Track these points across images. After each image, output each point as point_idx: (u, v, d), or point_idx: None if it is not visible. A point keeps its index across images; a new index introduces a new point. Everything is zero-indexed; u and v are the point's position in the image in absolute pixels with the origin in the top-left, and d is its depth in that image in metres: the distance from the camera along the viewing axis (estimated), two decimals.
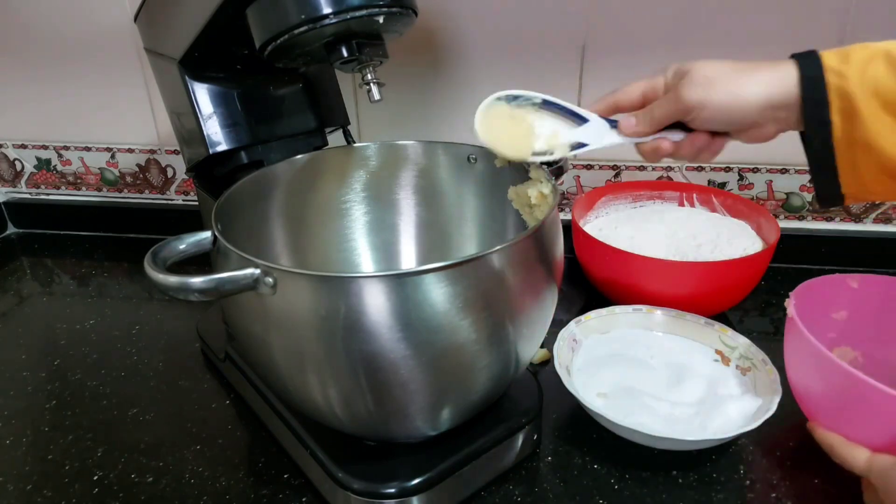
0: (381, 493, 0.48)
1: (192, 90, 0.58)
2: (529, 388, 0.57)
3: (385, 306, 0.39)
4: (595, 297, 0.79)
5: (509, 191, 0.59)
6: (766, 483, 0.54)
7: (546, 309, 0.49)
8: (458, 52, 0.83)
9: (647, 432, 0.52)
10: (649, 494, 0.52)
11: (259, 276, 0.40)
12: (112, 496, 0.53)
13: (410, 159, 0.64)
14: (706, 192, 0.84)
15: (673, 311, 0.67)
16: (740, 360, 0.62)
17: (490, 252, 0.41)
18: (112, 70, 0.90)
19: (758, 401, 0.56)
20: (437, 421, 0.48)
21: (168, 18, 0.59)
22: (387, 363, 0.41)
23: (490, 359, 0.45)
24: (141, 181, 0.99)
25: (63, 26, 0.88)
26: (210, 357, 0.70)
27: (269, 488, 0.54)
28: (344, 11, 0.47)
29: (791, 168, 0.84)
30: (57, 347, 0.74)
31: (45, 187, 1.03)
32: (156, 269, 0.40)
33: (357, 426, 0.48)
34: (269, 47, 0.50)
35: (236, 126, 0.60)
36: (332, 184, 0.64)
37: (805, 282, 0.58)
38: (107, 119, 0.95)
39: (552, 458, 0.56)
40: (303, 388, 0.45)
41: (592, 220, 0.84)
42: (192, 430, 0.60)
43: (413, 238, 0.68)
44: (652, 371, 0.63)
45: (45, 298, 0.86)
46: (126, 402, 0.64)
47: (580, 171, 0.88)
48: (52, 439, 0.60)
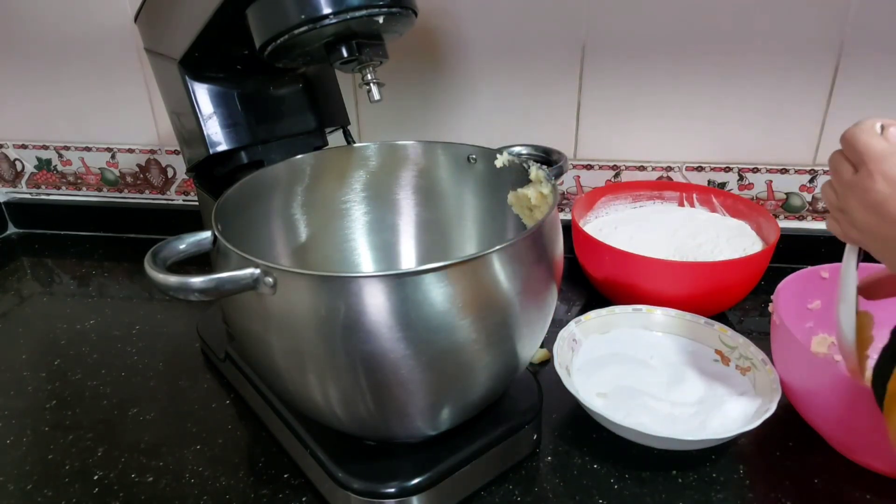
0: (381, 492, 0.48)
1: (192, 90, 0.58)
2: (529, 388, 0.57)
3: (385, 306, 0.39)
4: (595, 297, 0.79)
5: (509, 195, 0.59)
6: (766, 483, 0.54)
7: (546, 309, 0.49)
8: (458, 52, 0.83)
9: (647, 432, 0.52)
10: (649, 494, 0.52)
11: (259, 275, 0.40)
12: (112, 496, 0.53)
13: (410, 159, 0.64)
14: (706, 192, 0.84)
15: (673, 311, 0.67)
16: (740, 360, 0.62)
17: (490, 252, 0.41)
18: (112, 70, 0.90)
19: (757, 401, 0.56)
20: (437, 421, 0.48)
21: (168, 19, 0.59)
22: (387, 363, 0.41)
23: (490, 359, 0.45)
24: (141, 181, 0.99)
25: (63, 26, 0.88)
26: (210, 357, 0.70)
27: (269, 488, 0.54)
28: (344, 11, 0.47)
29: (791, 168, 0.84)
30: (57, 347, 0.74)
31: (46, 187, 1.03)
32: (156, 269, 0.40)
33: (357, 426, 0.48)
34: (269, 47, 0.50)
35: (236, 126, 0.60)
36: (332, 184, 0.64)
37: (783, 280, 0.61)
38: (107, 119, 0.95)
39: (552, 458, 0.56)
40: (303, 388, 0.45)
41: (592, 220, 0.84)
42: (192, 430, 0.60)
43: (413, 238, 0.68)
44: (652, 371, 0.63)
45: (46, 298, 0.86)
46: (126, 402, 0.64)
47: (580, 171, 0.88)
48: (52, 439, 0.60)
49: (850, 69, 0.77)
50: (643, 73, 0.81)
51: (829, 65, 0.77)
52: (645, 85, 0.81)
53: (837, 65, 0.77)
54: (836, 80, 0.78)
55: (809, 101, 0.79)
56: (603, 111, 0.83)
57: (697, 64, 0.79)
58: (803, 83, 0.78)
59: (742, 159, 0.84)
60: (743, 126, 0.82)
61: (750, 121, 0.82)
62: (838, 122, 0.80)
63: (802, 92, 0.79)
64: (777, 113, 0.81)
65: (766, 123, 0.81)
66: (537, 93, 0.84)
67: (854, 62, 0.76)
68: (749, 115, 0.81)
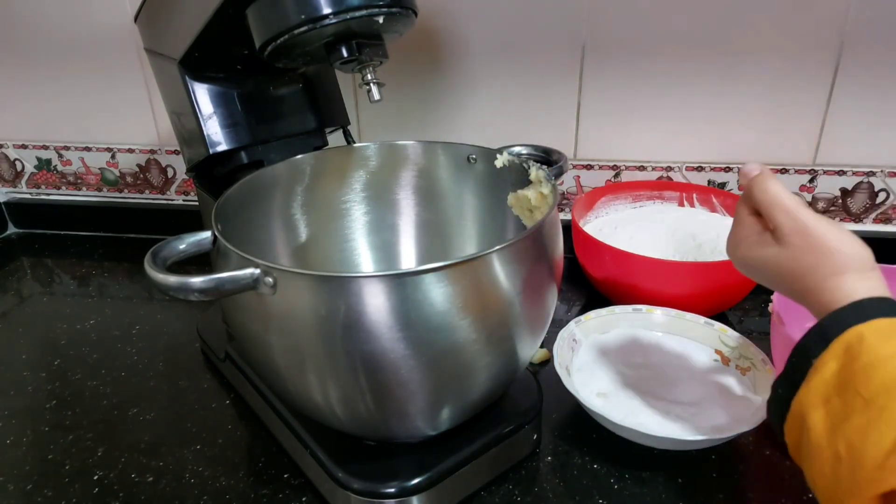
0: (381, 492, 0.48)
1: (192, 90, 0.58)
2: (529, 388, 0.57)
3: (385, 306, 0.39)
4: (595, 297, 0.79)
5: (509, 197, 0.59)
6: (766, 483, 0.54)
7: (546, 309, 0.49)
8: (458, 52, 0.83)
9: (647, 432, 0.52)
10: (649, 494, 0.52)
11: (259, 275, 0.40)
12: (112, 496, 0.53)
13: (410, 159, 0.64)
14: (706, 192, 0.84)
15: (673, 311, 0.67)
16: (740, 359, 0.62)
17: (490, 252, 0.41)
18: (112, 70, 0.90)
19: (757, 400, 0.56)
20: (437, 421, 0.48)
21: (168, 19, 0.59)
22: (387, 363, 0.41)
23: (490, 359, 0.45)
24: (141, 181, 0.99)
25: (64, 26, 0.88)
26: (210, 357, 0.70)
27: (269, 488, 0.54)
28: (344, 11, 0.47)
29: (791, 168, 0.84)
30: (57, 347, 0.74)
31: (46, 187, 1.03)
32: (156, 269, 0.40)
33: (357, 426, 0.48)
34: (269, 47, 0.50)
35: (236, 126, 0.60)
36: (332, 184, 0.64)
37: None
38: (107, 119, 0.95)
39: (552, 458, 0.56)
40: (303, 388, 0.45)
41: (592, 221, 0.84)
42: (192, 430, 0.60)
43: (413, 238, 0.68)
44: (652, 371, 0.63)
45: (46, 298, 0.86)
46: (126, 402, 0.64)
47: (580, 171, 0.88)
48: (52, 439, 0.60)
49: (850, 69, 0.77)
50: (643, 73, 0.81)
51: (829, 65, 0.77)
52: (645, 85, 0.81)
53: (837, 65, 0.77)
54: (836, 79, 0.78)
55: (809, 101, 0.79)
56: (603, 111, 0.84)
57: (697, 64, 0.79)
58: (803, 83, 0.78)
59: (742, 159, 0.84)
60: (743, 126, 0.82)
61: (750, 121, 0.82)
62: (838, 122, 0.80)
63: (802, 92, 0.79)
64: (777, 113, 0.81)
65: (766, 123, 0.81)
66: (537, 93, 0.84)
67: (854, 62, 0.76)
68: (749, 115, 0.81)
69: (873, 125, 0.79)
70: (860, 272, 0.40)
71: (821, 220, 0.41)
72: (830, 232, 0.41)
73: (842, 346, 0.37)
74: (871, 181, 0.83)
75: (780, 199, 0.42)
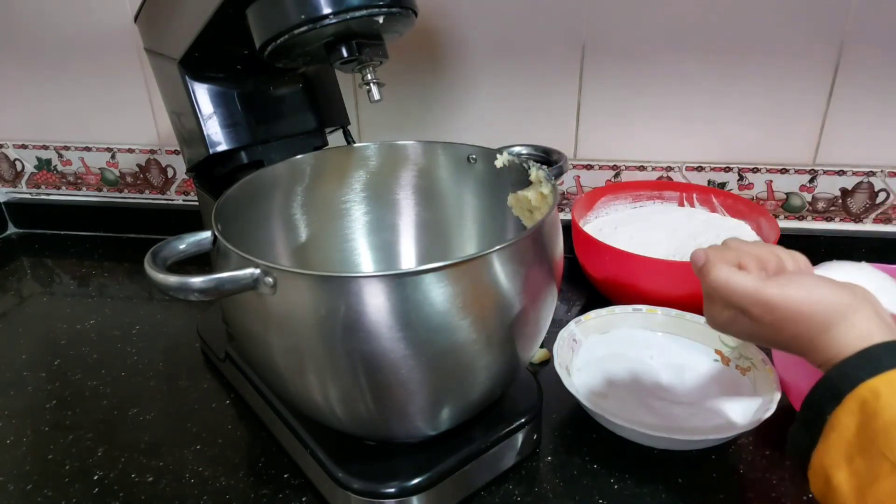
0: (381, 492, 0.48)
1: (192, 90, 0.58)
2: (529, 388, 0.57)
3: (385, 306, 0.39)
4: (595, 297, 0.79)
5: (509, 198, 0.59)
6: (766, 483, 0.54)
7: (546, 309, 0.49)
8: (458, 52, 0.83)
9: (647, 432, 0.52)
10: (649, 494, 0.52)
11: (259, 275, 0.40)
12: (112, 496, 0.53)
13: (410, 159, 0.64)
14: (706, 192, 0.84)
15: (673, 311, 0.67)
16: (740, 359, 0.62)
17: (490, 252, 0.41)
18: (112, 70, 0.90)
19: (757, 400, 0.56)
20: (437, 421, 0.48)
21: (168, 19, 0.59)
22: (386, 363, 0.41)
23: (490, 359, 0.45)
24: (141, 181, 0.99)
25: (63, 26, 0.88)
26: (210, 357, 0.70)
27: (269, 488, 0.54)
28: (344, 11, 0.47)
29: (791, 168, 0.84)
30: (57, 347, 0.74)
31: (46, 187, 1.03)
32: (156, 269, 0.40)
33: (357, 426, 0.48)
34: (269, 47, 0.50)
35: (236, 126, 0.60)
36: (332, 184, 0.64)
37: None
38: (107, 119, 0.95)
39: (552, 458, 0.56)
40: (303, 388, 0.45)
41: (592, 221, 0.84)
42: (192, 430, 0.60)
43: (413, 238, 0.68)
44: (652, 371, 0.63)
45: (46, 298, 0.86)
46: (126, 402, 0.64)
47: (580, 171, 0.88)
48: (52, 439, 0.60)
49: (850, 69, 0.77)
50: (643, 73, 0.81)
51: (829, 64, 0.77)
52: (645, 85, 0.81)
53: (837, 64, 0.77)
54: (836, 79, 0.78)
55: (809, 101, 0.79)
56: (603, 111, 0.84)
57: (697, 64, 0.79)
58: (803, 83, 0.78)
59: (742, 159, 0.84)
60: (743, 126, 0.82)
61: (750, 121, 0.82)
62: (838, 122, 0.80)
63: (802, 92, 0.79)
64: (777, 113, 0.81)
65: (766, 123, 0.81)
66: (537, 93, 0.84)
67: (854, 62, 0.76)
68: (749, 115, 0.81)
69: (873, 125, 0.79)
70: (847, 319, 0.38)
71: (785, 285, 0.40)
72: (798, 295, 0.39)
73: (856, 402, 0.35)
74: (871, 181, 0.83)
75: (732, 286, 0.41)
